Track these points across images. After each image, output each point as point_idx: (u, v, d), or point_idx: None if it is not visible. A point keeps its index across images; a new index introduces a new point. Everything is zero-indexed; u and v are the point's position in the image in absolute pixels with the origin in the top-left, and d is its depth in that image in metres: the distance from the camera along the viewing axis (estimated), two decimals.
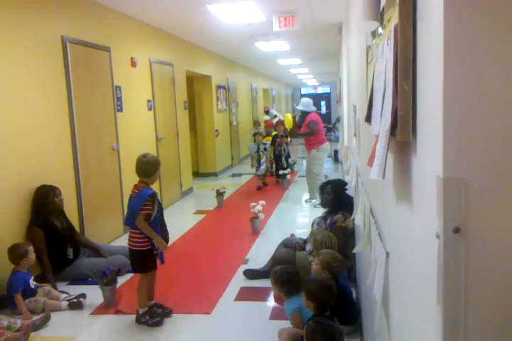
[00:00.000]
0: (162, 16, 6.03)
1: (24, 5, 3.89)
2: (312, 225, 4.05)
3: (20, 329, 3.01)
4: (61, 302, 3.49)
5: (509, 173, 0.72)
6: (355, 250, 2.27)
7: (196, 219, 6.20)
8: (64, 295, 3.59)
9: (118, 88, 5.44)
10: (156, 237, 3.18)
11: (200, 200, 7.60)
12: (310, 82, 23.92)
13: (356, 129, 3.13)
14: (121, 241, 5.18)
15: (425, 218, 0.87)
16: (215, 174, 9.85)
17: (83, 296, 3.55)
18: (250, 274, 3.96)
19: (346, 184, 4.07)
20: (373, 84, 1.43)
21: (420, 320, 0.96)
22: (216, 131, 9.86)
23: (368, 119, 1.53)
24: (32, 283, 3.49)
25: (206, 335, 3.07)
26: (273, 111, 15.78)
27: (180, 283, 3.80)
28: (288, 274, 2.86)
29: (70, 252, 3.97)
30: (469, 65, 0.71)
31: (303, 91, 27.86)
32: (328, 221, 3.80)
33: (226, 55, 10.64)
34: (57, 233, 3.93)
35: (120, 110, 5.49)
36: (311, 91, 26.65)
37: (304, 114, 6.91)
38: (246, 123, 13.10)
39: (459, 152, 0.72)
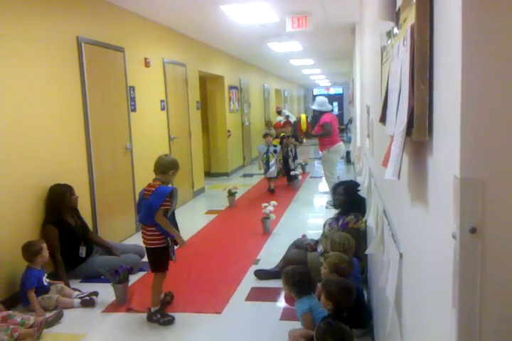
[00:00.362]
0: (175, 17, 6.07)
1: (40, 6, 3.94)
2: (324, 226, 4.03)
3: (33, 325, 3.05)
4: (73, 299, 3.52)
5: None
6: (367, 251, 2.26)
7: (208, 219, 6.22)
8: (76, 292, 3.62)
9: (132, 88, 5.48)
10: (175, 232, 3.26)
11: (211, 200, 7.62)
12: (322, 83, 23.86)
13: (369, 130, 3.11)
14: (133, 239, 5.22)
15: (441, 218, 0.86)
16: (227, 174, 9.87)
17: (95, 294, 3.58)
18: (261, 275, 3.96)
19: (359, 185, 4.05)
20: (388, 84, 1.42)
21: (434, 322, 0.95)
22: (228, 132, 9.88)
23: (383, 120, 1.52)
24: (45, 281, 3.54)
25: (216, 335, 3.07)
26: (285, 111, 15.71)
27: (191, 283, 3.82)
28: (299, 275, 2.86)
29: (83, 250, 4.01)
30: (488, 64, 0.71)
31: (315, 92, 27.79)
32: (340, 222, 3.78)
33: (239, 56, 10.66)
34: (71, 231, 3.97)
35: (133, 110, 5.53)
36: (324, 91, 26.56)
37: (318, 114, 6.84)
38: (258, 123, 13.11)
39: (477, 151, 0.72)
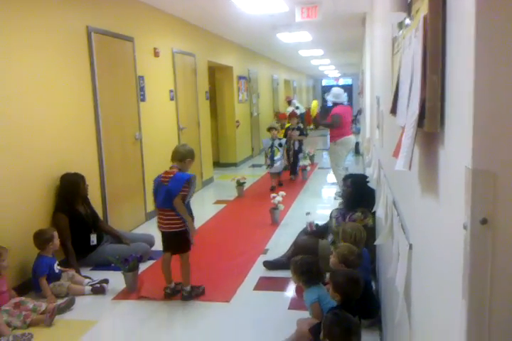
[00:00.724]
0: (185, 7, 6.04)
1: None
2: (330, 215, 4.03)
3: (45, 311, 3.11)
4: (84, 287, 3.58)
5: None
6: (376, 242, 2.27)
7: (216, 208, 6.25)
8: (87, 280, 3.68)
9: (141, 78, 5.49)
10: (189, 219, 3.35)
11: (220, 190, 7.65)
12: (331, 74, 23.68)
13: (379, 121, 3.10)
14: (143, 228, 5.27)
15: (452, 209, 0.87)
16: (235, 164, 9.89)
17: (106, 281, 3.63)
18: (269, 265, 3.98)
19: (367, 177, 4.04)
20: (399, 75, 1.42)
21: (443, 313, 0.96)
22: (237, 122, 9.87)
23: (393, 111, 1.52)
24: (56, 268, 3.59)
25: (225, 323, 3.11)
26: (295, 101, 15.56)
27: (200, 272, 3.85)
28: (307, 264, 2.87)
29: (94, 238, 4.06)
30: (501, 55, 0.71)
31: (324, 82, 27.62)
32: (347, 219, 3.77)
33: (248, 46, 10.61)
34: (81, 220, 4.02)
35: (143, 100, 5.55)
36: (333, 82, 26.38)
37: (330, 105, 6.79)
38: (266, 114, 13.08)
39: (489, 143, 0.72)
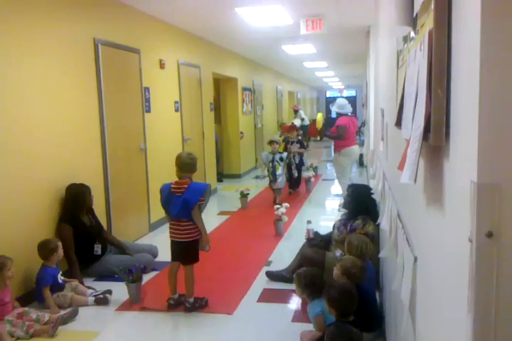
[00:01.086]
0: (191, 19, 6.11)
1: (59, 8, 4.00)
2: (333, 227, 4.03)
3: (48, 322, 3.10)
4: (88, 297, 3.56)
5: None
6: (381, 255, 2.27)
7: (220, 220, 6.24)
8: (91, 290, 3.66)
9: (147, 89, 5.53)
10: (204, 229, 3.37)
11: (224, 201, 7.65)
12: (335, 85, 23.82)
13: (384, 133, 3.11)
14: (146, 239, 5.27)
15: (457, 222, 0.87)
16: (239, 176, 9.90)
17: (109, 292, 3.62)
18: (272, 276, 3.97)
19: (369, 188, 4.05)
20: (404, 88, 1.43)
21: (449, 327, 0.96)
22: (241, 133, 9.91)
23: (398, 123, 1.53)
24: (60, 278, 3.58)
25: (228, 335, 3.09)
26: (302, 112, 15.53)
27: (203, 283, 3.83)
28: (311, 276, 2.86)
29: (98, 249, 4.05)
30: (506, 70, 0.72)
31: (328, 94, 27.72)
32: (348, 227, 3.78)
33: (252, 58, 10.70)
34: (85, 230, 4.02)
35: (148, 111, 5.59)
36: (337, 94, 26.50)
37: (335, 117, 6.83)
38: (271, 125, 13.13)
39: (494, 157, 0.73)
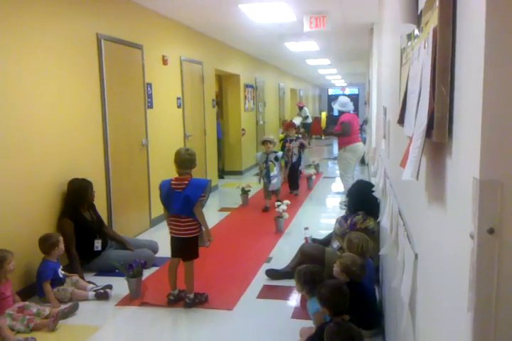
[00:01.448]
0: (194, 15, 6.11)
1: (62, 3, 4.00)
2: (335, 224, 4.05)
3: (48, 316, 3.11)
4: (88, 292, 3.58)
5: None
6: (381, 252, 2.27)
7: (221, 216, 6.26)
8: (91, 285, 3.68)
9: (149, 85, 5.53)
10: (207, 225, 3.36)
11: (224, 198, 7.66)
12: (338, 83, 23.77)
13: (386, 131, 3.11)
14: (147, 235, 5.28)
15: (458, 219, 0.87)
16: (241, 172, 9.90)
17: (109, 287, 3.63)
18: (272, 274, 3.97)
19: (370, 185, 4.06)
20: (407, 86, 1.43)
21: (448, 325, 0.96)
22: (243, 130, 9.91)
23: (401, 121, 1.53)
24: (61, 273, 3.60)
25: (227, 331, 3.10)
26: (306, 110, 15.44)
27: (203, 279, 3.85)
28: (311, 273, 2.88)
29: (99, 244, 4.07)
30: (511, 68, 0.72)
31: (330, 92, 27.68)
32: (348, 222, 3.81)
33: (255, 55, 10.68)
34: (86, 225, 4.03)
35: (150, 107, 5.59)
36: (339, 92, 26.45)
37: (337, 114, 6.84)
38: (272, 122, 13.12)
39: (497, 154, 0.73)
